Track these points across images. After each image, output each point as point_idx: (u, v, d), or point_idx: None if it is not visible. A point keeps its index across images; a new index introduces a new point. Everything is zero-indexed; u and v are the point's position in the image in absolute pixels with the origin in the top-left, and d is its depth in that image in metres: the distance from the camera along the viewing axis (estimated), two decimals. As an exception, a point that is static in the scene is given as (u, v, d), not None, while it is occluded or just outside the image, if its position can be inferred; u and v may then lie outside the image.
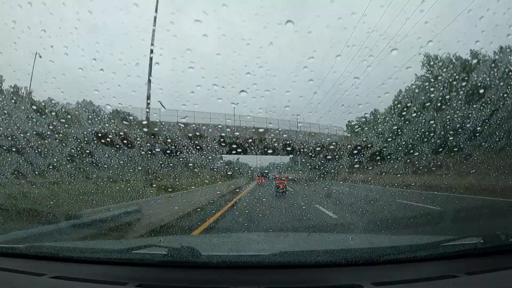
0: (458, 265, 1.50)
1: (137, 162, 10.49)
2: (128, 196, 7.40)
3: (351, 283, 1.38)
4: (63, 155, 9.72)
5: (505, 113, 12.18)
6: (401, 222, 4.99)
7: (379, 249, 1.66)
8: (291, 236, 3.71)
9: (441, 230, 4.06)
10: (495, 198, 8.34)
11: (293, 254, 1.59)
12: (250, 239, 2.97)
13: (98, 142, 10.04)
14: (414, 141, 14.03)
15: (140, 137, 10.60)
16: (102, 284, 1.46)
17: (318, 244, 2.62)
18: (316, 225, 5.63)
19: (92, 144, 10.09)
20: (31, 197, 6.43)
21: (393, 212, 6.77)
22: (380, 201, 8.81)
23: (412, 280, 1.39)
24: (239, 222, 6.13)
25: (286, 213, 7.28)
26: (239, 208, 8.54)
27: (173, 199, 7.85)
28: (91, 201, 6.48)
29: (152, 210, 5.94)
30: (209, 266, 1.54)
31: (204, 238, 4.14)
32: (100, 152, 9.68)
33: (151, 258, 1.62)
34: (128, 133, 10.71)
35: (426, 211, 6.99)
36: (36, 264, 1.72)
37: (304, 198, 10.90)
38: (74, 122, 11.39)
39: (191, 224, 5.78)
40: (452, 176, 12.19)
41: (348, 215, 6.78)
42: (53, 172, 9.03)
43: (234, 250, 2.16)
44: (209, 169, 12.70)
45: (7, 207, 4.93)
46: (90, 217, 4.26)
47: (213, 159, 14.13)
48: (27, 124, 9.82)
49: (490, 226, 4.38)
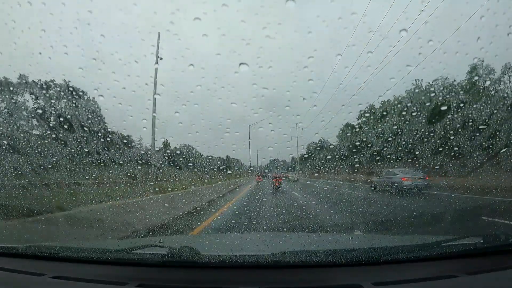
0: (458, 265, 1.50)
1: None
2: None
3: (351, 283, 1.38)
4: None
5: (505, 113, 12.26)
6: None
7: (379, 249, 1.66)
8: (291, 236, 3.70)
9: (436, 230, 4.08)
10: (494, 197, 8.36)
11: (293, 254, 1.59)
12: (250, 239, 2.97)
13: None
14: (414, 141, 14.21)
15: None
16: (102, 284, 1.46)
17: (318, 244, 2.62)
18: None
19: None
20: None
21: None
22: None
23: (412, 280, 1.38)
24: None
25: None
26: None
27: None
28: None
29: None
30: (209, 266, 1.53)
31: (204, 238, 4.15)
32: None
33: (151, 258, 1.61)
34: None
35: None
36: (35, 264, 1.72)
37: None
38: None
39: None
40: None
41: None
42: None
43: (234, 250, 2.16)
44: (212, 170, 13.72)
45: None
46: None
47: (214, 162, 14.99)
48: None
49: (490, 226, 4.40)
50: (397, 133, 15.09)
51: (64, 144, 11.04)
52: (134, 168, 11.04)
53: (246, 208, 8.28)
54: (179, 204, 7.89)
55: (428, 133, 13.92)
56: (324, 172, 22.22)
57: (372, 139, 17.06)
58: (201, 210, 8.05)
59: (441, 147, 12.20)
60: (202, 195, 10.08)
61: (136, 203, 6.58)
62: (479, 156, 11.97)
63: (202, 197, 9.92)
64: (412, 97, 21.67)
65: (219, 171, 16.88)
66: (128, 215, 5.72)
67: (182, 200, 8.26)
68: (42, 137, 10.82)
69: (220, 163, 18.27)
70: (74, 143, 10.50)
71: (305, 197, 11.01)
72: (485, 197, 8.82)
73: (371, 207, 8.01)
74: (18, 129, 11.18)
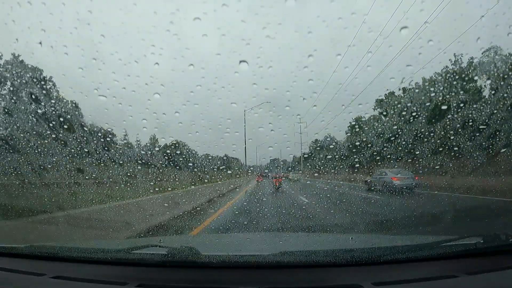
0: (458, 265, 1.50)
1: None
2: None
3: (351, 283, 1.38)
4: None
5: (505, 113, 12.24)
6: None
7: (379, 249, 1.66)
8: (291, 236, 3.71)
9: (435, 230, 4.09)
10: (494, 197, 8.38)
11: (293, 254, 1.59)
12: (250, 239, 2.97)
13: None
14: (414, 141, 14.17)
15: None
16: (102, 284, 1.46)
17: (318, 244, 2.62)
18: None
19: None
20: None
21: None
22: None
23: (412, 280, 1.38)
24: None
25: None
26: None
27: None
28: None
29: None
30: (209, 266, 1.53)
31: (204, 238, 4.15)
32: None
33: (151, 258, 1.61)
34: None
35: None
36: (36, 264, 1.72)
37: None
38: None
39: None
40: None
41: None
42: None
43: (234, 250, 2.16)
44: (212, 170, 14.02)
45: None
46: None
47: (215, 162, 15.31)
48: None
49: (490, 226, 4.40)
50: (411, 123, 14.63)
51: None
52: (134, 167, 11.06)
53: (246, 208, 8.28)
54: (180, 203, 7.89)
55: (445, 128, 13.65)
56: (324, 172, 22.20)
57: (387, 131, 16.73)
58: (201, 210, 8.05)
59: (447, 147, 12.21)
60: (202, 195, 10.09)
61: (136, 203, 6.58)
62: (478, 157, 12.00)
63: (202, 196, 9.93)
64: (439, 81, 19.80)
65: (219, 171, 16.90)
66: (128, 215, 5.73)
67: (182, 200, 8.27)
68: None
69: (220, 163, 18.29)
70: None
71: (305, 197, 11.02)
72: (476, 197, 9.01)
73: (371, 206, 8.02)
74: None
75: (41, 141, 10.65)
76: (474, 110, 13.54)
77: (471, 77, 18.05)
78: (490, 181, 10.31)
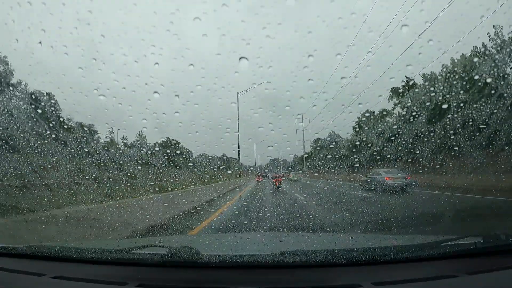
0: (458, 265, 1.50)
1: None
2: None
3: (351, 283, 1.38)
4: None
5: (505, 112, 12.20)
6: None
7: (379, 249, 1.66)
8: (291, 236, 3.70)
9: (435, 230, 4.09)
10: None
11: (293, 254, 1.59)
12: (250, 239, 2.97)
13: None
14: (415, 142, 14.11)
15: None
16: (102, 284, 1.46)
17: (318, 244, 2.62)
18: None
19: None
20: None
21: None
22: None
23: (412, 280, 1.38)
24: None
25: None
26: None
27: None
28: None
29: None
30: (209, 266, 1.53)
31: (204, 238, 4.16)
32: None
33: (151, 258, 1.61)
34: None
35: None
36: (36, 264, 1.72)
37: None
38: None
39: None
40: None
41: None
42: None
43: (234, 250, 2.16)
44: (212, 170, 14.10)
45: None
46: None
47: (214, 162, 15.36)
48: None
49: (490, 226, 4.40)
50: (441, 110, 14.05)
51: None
52: (134, 167, 11.06)
53: (246, 208, 8.28)
54: (180, 203, 7.90)
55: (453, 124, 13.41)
56: (324, 172, 22.19)
57: (400, 123, 16.35)
58: (201, 209, 8.05)
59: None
60: (202, 195, 10.09)
61: (136, 203, 6.58)
62: (478, 156, 12.00)
63: (202, 196, 9.94)
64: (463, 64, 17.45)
65: (219, 171, 16.90)
66: (128, 215, 5.73)
67: (182, 199, 8.27)
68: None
69: (220, 163, 18.28)
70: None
71: (305, 197, 11.03)
72: (476, 196, 9.03)
73: (370, 206, 8.01)
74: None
75: (18, 137, 10.65)
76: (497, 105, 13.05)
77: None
78: (490, 181, 10.31)
